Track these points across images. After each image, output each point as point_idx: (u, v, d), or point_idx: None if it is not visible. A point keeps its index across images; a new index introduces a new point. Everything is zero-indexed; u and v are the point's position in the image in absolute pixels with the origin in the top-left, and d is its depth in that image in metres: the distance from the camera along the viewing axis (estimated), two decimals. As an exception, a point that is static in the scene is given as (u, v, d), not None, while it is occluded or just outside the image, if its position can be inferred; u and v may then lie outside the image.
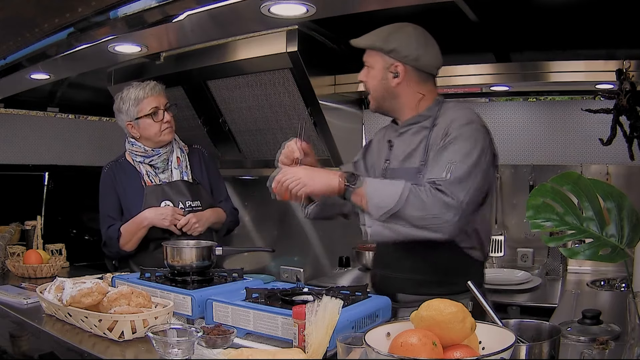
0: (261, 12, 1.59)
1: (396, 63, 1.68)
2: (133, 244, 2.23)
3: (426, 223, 1.52)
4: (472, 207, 1.58)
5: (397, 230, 1.54)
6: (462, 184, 1.55)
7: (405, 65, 1.68)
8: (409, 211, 1.51)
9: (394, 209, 1.51)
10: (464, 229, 1.60)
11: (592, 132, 2.37)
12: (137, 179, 2.28)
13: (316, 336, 1.19)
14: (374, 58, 1.72)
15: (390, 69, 1.69)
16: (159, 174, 2.30)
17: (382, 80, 1.71)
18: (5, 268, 2.40)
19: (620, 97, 2.14)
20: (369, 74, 1.75)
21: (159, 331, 1.30)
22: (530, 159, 2.96)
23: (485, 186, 1.64)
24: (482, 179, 1.60)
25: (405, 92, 1.72)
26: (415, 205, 1.51)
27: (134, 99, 2.23)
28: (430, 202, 1.52)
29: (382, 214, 1.53)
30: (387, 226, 1.54)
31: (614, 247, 1.20)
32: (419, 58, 1.69)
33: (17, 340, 1.66)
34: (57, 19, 1.66)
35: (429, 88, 1.75)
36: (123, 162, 2.33)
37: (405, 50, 1.67)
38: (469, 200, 1.54)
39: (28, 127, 3.26)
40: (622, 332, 1.47)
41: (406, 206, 1.51)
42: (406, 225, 1.53)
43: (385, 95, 1.73)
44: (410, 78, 1.70)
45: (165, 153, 2.30)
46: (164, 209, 2.21)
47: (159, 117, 2.24)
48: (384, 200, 1.53)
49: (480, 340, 1.05)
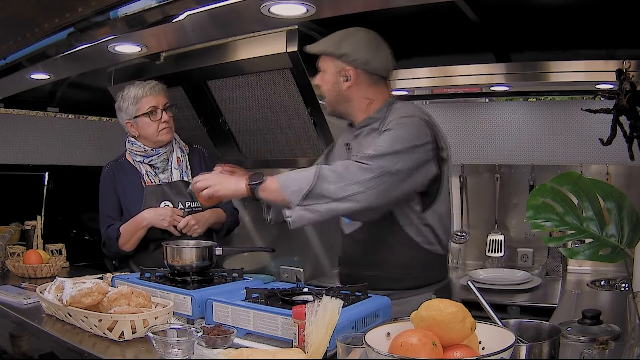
0: (261, 12, 1.59)
1: (347, 67, 1.74)
2: (132, 244, 2.23)
3: (344, 194, 1.53)
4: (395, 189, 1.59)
5: (317, 209, 1.55)
6: (381, 158, 1.57)
7: (356, 69, 1.74)
8: (325, 185, 1.54)
9: (310, 188, 1.53)
10: (387, 203, 1.62)
11: (592, 132, 2.37)
12: (137, 179, 2.28)
13: (316, 336, 1.19)
14: (327, 63, 1.78)
15: (342, 73, 1.75)
16: (158, 174, 2.30)
17: (335, 84, 1.77)
18: (5, 268, 2.40)
19: (620, 97, 2.14)
20: (323, 79, 1.80)
21: (159, 331, 1.30)
22: (530, 159, 2.96)
23: (421, 177, 1.66)
24: (414, 167, 1.62)
25: (357, 95, 1.77)
26: (329, 178, 1.55)
27: (133, 97, 2.23)
28: (344, 172, 1.56)
29: (301, 197, 1.54)
30: (308, 208, 1.55)
31: (614, 247, 1.20)
32: (369, 62, 1.74)
33: (17, 340, 1.66)
34: (57, 19, 1.66)
35: (380, 90, 1.80)
36: (123, 161, 2.33)
37: (355, 55, 1.72)
38: (388, 173, 1.56)
39: (28, 127, 3.26)
40: (622, 332, 1.48)
41: (321, 182, 1.54)
42: (326, 201, 1.54)
43: (338, 98, 1.79)
44: (361, 81, 1.75)
45: (165, 153, 2.30)
46: (163, 209, 2.21)
47: (156, 116, 2.23)
48: (299, 184, 1.55)
49: (480, 340, 1.05)
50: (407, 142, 1.62)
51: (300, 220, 1.57)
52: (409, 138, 1.63)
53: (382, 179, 1.56)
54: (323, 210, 1.55)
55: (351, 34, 1.76)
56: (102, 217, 2.30)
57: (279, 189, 1.58)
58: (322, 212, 1.55)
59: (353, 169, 1.57)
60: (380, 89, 1.80)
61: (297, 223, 1.57)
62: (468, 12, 2.18)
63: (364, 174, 1.55)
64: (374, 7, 1.62)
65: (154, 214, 2.19)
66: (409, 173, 1.62)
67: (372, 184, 1.54)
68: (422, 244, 1.75)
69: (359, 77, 1.75)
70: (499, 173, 3.03)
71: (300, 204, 1.55)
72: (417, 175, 1.65)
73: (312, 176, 1.55)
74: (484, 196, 3.08)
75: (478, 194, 3.10)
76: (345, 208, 1.55)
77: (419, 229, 1.74)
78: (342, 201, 1.54)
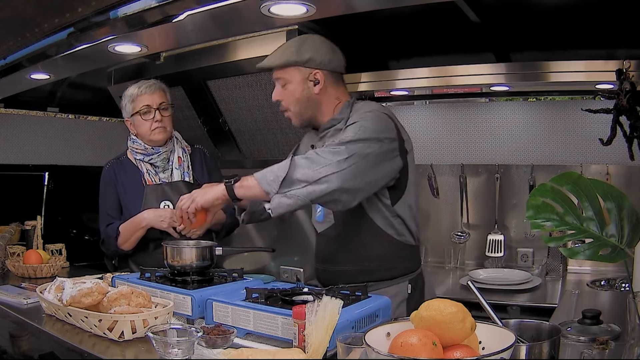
0: (261, 12, 1.59)
1: (314, 71, 1.76)
2: (131, 243, 2.23)
3: (319, 176, 1.57)
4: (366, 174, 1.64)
5: (295, 194, 1.58)
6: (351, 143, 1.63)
7: (323, 70, 1.77)
8: (300, 170, 1.58)
9: (285, 174, 1.57)
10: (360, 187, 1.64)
11: (592, 132, 2.37)
12: (137, 178, 2.28)
13: (316, 336, 1.19)
14: (290, 74, 1.78)
15: (310, 77, 1.77)
16: (159, 173, 2.30)
17: (303, 92, 1.78)
18: (5, 268, 2.40)
19: (620, 97, 2.14)
20: (285, 92, 1.81)
21: (159, 331, 1.30)
22: (530, 159, 2.96)
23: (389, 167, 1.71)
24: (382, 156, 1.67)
25: (326, 98, 1.81)
26: (303, 164, 1.59)
27: (130, 95, 2.25)
28: (317, 157, 1.61)
29: (278, 185, 1.57)
30: (286, 195, 1.58)
31: (614, 247, 1.20)
32: (332, 61, 1.78)
33: (17, 340, 1.66)
34: (57, 19, 1.66)
35: (344, 90, 1.85)
36: (124, 160, 2.34)
37: (319, 57, 1.76)
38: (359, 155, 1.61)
39: (28, 127, 3.26)
40: (622, 332, 1.48)
41: (296, 168, 1.58)
42: (302, 185, 1.57)
43: (308, 105, 1.80)
44: (328, 83, 1.79)
45: (166, 152, 2.30)
46: (163, 211, 2.21)
47: (148, 115, 2.22)
48: (274, 174, 1.59)
49: (480, 340, 1.05)
50: (374, 133, 1.67)
51: (279, 207, 1.59)
52: (375, 129, 1.68)
53: (354, 160, 1.60)
54: (300, 195, 1.58)
55: (305, 40, 1.80)
56: (101, 215, 2.30)
57: (257, 184, 1.61)
58: (299, 197, 1.58)
59: (325, 153, 1.62)
60: (344, 89, 1.85)
61: (277, 210, 1.59)
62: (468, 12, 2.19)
63: (336, 157, 1.60)
64: (374, 7, 1.62)
65: (153, 214, 2.19)
66: (377, 160, 1.66)
67: (345, 165, 1.59)
68: (393, 235, 1.80)
69: (327, 78, 1.78)
70: (499, 173, 3.03)
71: (278, 191, 1.58)
72: (385, 165, 1.70)
73: (286, 164, 1.59)
74: (484, 196, 3.08)
75: (478, 194, 3.10)
76: (321, 190, 1.57)
77: (389, 222, 1.79)
78: (317, 183, 1.57)
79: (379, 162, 1.67)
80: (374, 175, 1.67)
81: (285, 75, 1.79)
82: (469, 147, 3.13)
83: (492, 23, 2.34)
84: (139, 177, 2.29)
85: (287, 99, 1.81)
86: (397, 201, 1.78)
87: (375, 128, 1.69)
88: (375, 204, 1.77)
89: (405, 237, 1.82)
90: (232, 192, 1.66)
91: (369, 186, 1.67)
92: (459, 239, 3.12)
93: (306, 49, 1.76)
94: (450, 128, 3.18)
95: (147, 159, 2.29)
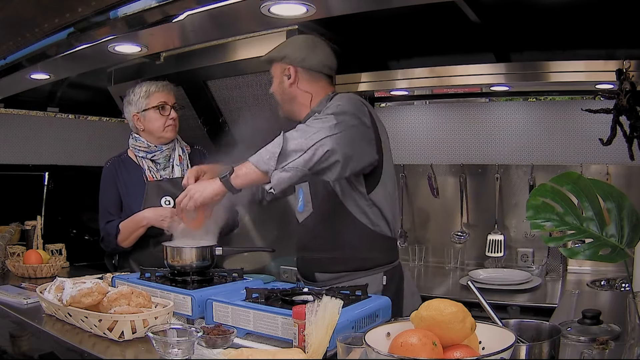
0: (261, 12, 1.59)
1: (287, 67, 1.89)
2: (131, 241, 2.24)
3: (313, 142, 1.60)
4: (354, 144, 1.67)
5: (293, 166, 1.59)
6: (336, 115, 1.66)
7: (295, 67, 1.88)
8: (293, 142, 1.60)
9: (280, 149, 1.59)
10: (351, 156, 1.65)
11: (592, 132, 2.37)
12: (139, 175, 2.30)
13: (316, 336, 1.19)
14: (275, 69, 1.93)
15: (285, 72, 1.90)
16: (160, 170, 2.32)
17: (280, 85, 1.92)
18: (5, 268, 2.40)
19: (620, 97, 2.14)
20: (274, 85, 1.95)
21: (159, 331, 1.30)
22: (530, 159, 2.96)
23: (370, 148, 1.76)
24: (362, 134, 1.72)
25: (298, 91, 1.90)
26: (295, 135, 1.62)
27: (145, 91, 2.28)
28: (307, 127, 1.65)
29: (276, 161, 1.59)
30: (284, 169, 1.59)
31: (614, 247, 1.20)
32: (305, 59, 1.88)
33: (17, 340, 1.66)
34: (57, 19, 1.66)
35: (321, 85, 1.91)
36: (125, 158, 2.35)
37: (293, 55, 1.88)
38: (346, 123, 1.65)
39: (28, 127, 3.26)
40: (622, 332, 1.47)
41: (288, 141, 1.60)
42: (298, 155, 1.59)
43: (285, 97, 1.93)
44: (301, 78, 1.89)
45: (168, 149, 2.32)
46: (163, 210, 2.21)
47: (165, 111, 2.27)
48: (269, 152, 1.61)
49: (480, 340, 1.05)
50: (353, 111, 1.73)
51: (281, 182, 1.60)
52: (352, 108, 1.74)
53: (342, 127, 1.64)
54: (298, 165, 1.59)
55: (291, 40, 1.97)
56: (101, 212, 2.31)
57: (253, 167, 1.62)
58: (297, 167, 1.59)
59: (314, 122, 1.66)
60: (321, 85, 1.91)
61: (278, 186, 1.60)
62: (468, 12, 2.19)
63: (326, 123, 1.64)
64: (374, 7, 1.62)
65: (154, 214, 2.20)
66: (360, 136, 1.72)
67: (336, 130, 1.62)
68: (368, 225, 1.83)
69: (298, 74, 1.88)
70: (499, 173, 3.03)
71: (276, 167, 1.59)
72: (365, 145, 1.75)
73: (279, 139, 1.61)
74: (484, 196, 3.08)
75: (478, 194, 3.10)
76: (319, 156, 1.59)
77: (364, 211, 1.82)
78: (312, 149, 1.59)
79: (362, 138, 1.73)
80: (360, 147, 1.71)
81: (272, 70, 1.95)
82: (469, 147, 3.13)
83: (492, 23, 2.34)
84: (140, 174, 2.30)
85: (274, 92, 1.95)
86: (373, 189, 1.82)
87: (352, 108, 1.74)
88: (349, 192, 1.81)
89: (381, 227, 1.85)
90: (229, 185, 1.66)
91: (357, 157, 1.70)
92: (459, 239, 3.12)
93: (285, 47, 1.91)
94: (450, 128, 3.18)
95: (150, 156, 2.31)
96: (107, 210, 2.30)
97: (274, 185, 1.60)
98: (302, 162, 1.59)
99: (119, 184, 2.30)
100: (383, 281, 1.83)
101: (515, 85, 2.74)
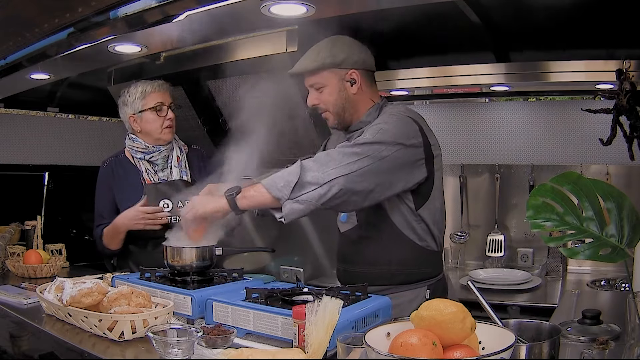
0: (261, 12, 1.59)
1: (350, 71, 1.75)
2: (116, 244, 2.24)
3: (328, 178, 1.56)
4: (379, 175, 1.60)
5: (306, 199, 1.56)
6: (365, 145, 1.60)
7: (358, 70, 1.76)
8: (309, 173, 1.56)
9: (297, 180, 1.55)
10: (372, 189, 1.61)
11: (592, 132, 2.37)
12: (136, 177, 2.28)
13: (316, 336, 1.19)
14: (325, 77, 1.76)
15: (346, 78, 1.75)
16: (157, 172, 2.30)
17: (341, 93, 1.76)
18: (5, 268, 2.40)
19: (620, 97, 2.14)
20: (322, 95, 1.78)
21: (159, 331, 1.30)
22: (530, 159, 2.96)
23: (409, 176, 1.67)
24: (400, 162, 1.63)
25: (362, 97, 1.79)
26: (312, 167, 1.58)
27: (141, 92, 2.24)
28: (325, 158, 1.59)
29: (290, 190, 1.56)
30: (298, 200, 1.57)
31: (614, 247, 1.20)
32: (365, 60, 1.77)
33: (17, 340, 1.65)
34: (57, 19, 1.66)
35: (375, 89, 1.83)
36: (122, 158, 2.33)
37: (353, 56, 1.74)
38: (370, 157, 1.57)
39: (28, 127, 3.26)
40: (622, 332, 1.47)
41: (306, 171, 1.57)
42: (312, 188, 1.56)
43: (346, 105, 1.78)
44: (364, 82, 1.78)
45: (166, 150, 2.30)
46: (134, 212, 2.17)
47: (162, 112, 2.25)
48: (285, 179, 1.57)
49: (480, 340, 1.05)
50: (393, 137, 1.63)
51: (292, 214, 1.58)
52: (395, 133, 1.64)
53: (366, 162, 1.58)
54: (312, 198, 1.56)
55: (335, 41, 1.76)
56: (95, 215, 2.31)
57: (265, 191, 1.60)
58: (310, 201, 1.56)
59: (334, 154, 1.60)
60: (376, 88, 1.83)
61: (289, 217, 1.59)
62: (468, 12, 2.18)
63: (345, 158, 1.58)
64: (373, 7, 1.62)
65: (127, 220, 2.17)
66: (396, 164, 1.63)
67: (354, 167, 1.57)
68: (415, 241, 1.77)
69: (362, 77, 1.77)
70: (499, 173, 3.03)
71: (290, 196, 1.56)
72: (405, 171, 1.67)
73: (296, 168, 1.58)
74: (484, 196, 3.08)
75: (478, 194, 3.10)
76: (333, 193, 1.56)
77: (412, 227, 1.76)
78: (326, 185, 1.55)
79: (398, 166, 1.64)
80: (388, 179, 1.63)
81: (320, 80, 1.77)
82: (469, 147, 3.13)
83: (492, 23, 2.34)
84: (137, 175, 2.28)
85: (325, 103, 1.79)
86: (422, 206, 1.74)
87: (397, 132, 1.65)
88: (398, 207, 1.74)
89: (427, 242, 1.79)
90: (233, 204, 1.64)
91: (382, 188, 1.63)
92: (459, 239, 3.12)
93: (339, 49, 1.74)
94: (450, 128, 3.18)
95: (148, 157, 2.28)
96: (101, 213, 2.29)
97: (285, 215, 1.58)
98: (316, 196, 1.56)
99: (115, 186, 2.28)
100: (426, 295, 1.77)
101: (515, 85, 2.74)
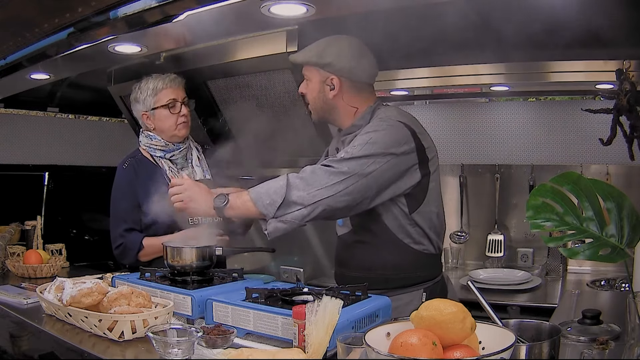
0: (261, 12, 1.59)
1: (331, 76, 1.75)
2: (151, 257, 2.11)
3: (313, 200, 1.57)
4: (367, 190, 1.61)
5: (289, 219, 1.58)
6: (350, 161, 1.60)
7: (340, 77, 1.75)
8: (295, 192, 1.58)
9: (282, 200, 1.57)
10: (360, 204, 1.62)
11: (592, 132, 2.37)
12: (159, 176, 2.15)
13: (316, 336, 1.19)
14: (312, 72, 1.79)
15: (327, 82, 1.76)
16: (179, 170, 2.20)
17: (320, 93, 1.79)
18: (5, 268, 2.40)
19: (620, 97, 2.13)
20: (307, 87, 1.82)
21: (159, 331, 1.30)
22: (530, 159, 2.96)
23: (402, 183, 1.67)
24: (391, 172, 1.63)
25: (342, 103, 1.79)
26: (298, 185, 1.58)
27: (152, 88, 2.17)
28: (311, 177, 1.59)
29: (275, 209, 1.58)
30: (282, 219, 1.59)
31: (614, 247, 1.20)
32: (352, 70, 1.75)
33: (17, 340, 1.66)
34: (57, 19, 1.66)
35: (365, 97, 1.81)
36: (141, 158, 2.21)
37: (339, 64, 1.73)
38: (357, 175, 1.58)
39: (28, 127, 3.25)
40: (622, 332, 1.47)
41: (291, 190, 1.58)
42: (297, 208, 1.58)
43: (324, 106, 1.81)
44: (346, 90, 1.77)
45: (185, 148, 2.23)
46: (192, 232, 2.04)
47: (176, 109, 2.17)
48: (271, 197, 1.59)
49: (480, 340, 1.05)
50: (382, 148, 1.62)
51: (276, 232, 1.61)
52: (385, 143, 1.63)
53: (352, 181, 1.58)
54: (295, 219, 1.59)
55: (334, 42, 1.76)
56: (116, 218, 2.13)
57: (252, 205, 1.62)
58: (294, 221, 1.59)
59: (320, 173, 1.60)
60: (365, 96, 1.81)
61: (273, 234, 1.62)
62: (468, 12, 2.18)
63: (330, 179, 1.58)
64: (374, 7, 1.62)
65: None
66: (384, 176, 1.63)
67: (340, 187, 1.58)
68: (410, 244, 1.75)
69: (343, 85, 1.76)
70: (499, 173, 3.03)
71: (275, 215, 1.59)
72: (392, 182, 1.66)
73: (283, 187, 1.59)
74: (484, 196, 3.08)
75: (478, 194, 3.10)
76: (317, 213, 1.58)
77: (406, 231, 1.74)
78: (311, 207, 1.58)
79: (387, 177, 1.63)
80: (375, 190, 1.63)
81: (307, 72, 1.81)
82: (469, 147, 3.13)
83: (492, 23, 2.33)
84: (161, 175, 2.16)
85: (308, 95, 1.83)
86: (416, 209, 1.73)
87: (388, 140, 1.63)
88: (391, 211, 1.72)
89: (424, 245, 1.77)
90: (221, 213, 1.67)
91: (369, 200, 1.64)
92: (459, 239, 3.12)
93: (329, 52, 1.73)
94: (450, 128, 3.18)
95: (168, 156, 2.19)
96: (123, 218, 2.11)
97: (269, 232, 1.62)
98: (299, 216, 1.58)
99: (139, 187, 2.12)
100: (422, 298, 1.75)
101: (515, 85, 2.74)
